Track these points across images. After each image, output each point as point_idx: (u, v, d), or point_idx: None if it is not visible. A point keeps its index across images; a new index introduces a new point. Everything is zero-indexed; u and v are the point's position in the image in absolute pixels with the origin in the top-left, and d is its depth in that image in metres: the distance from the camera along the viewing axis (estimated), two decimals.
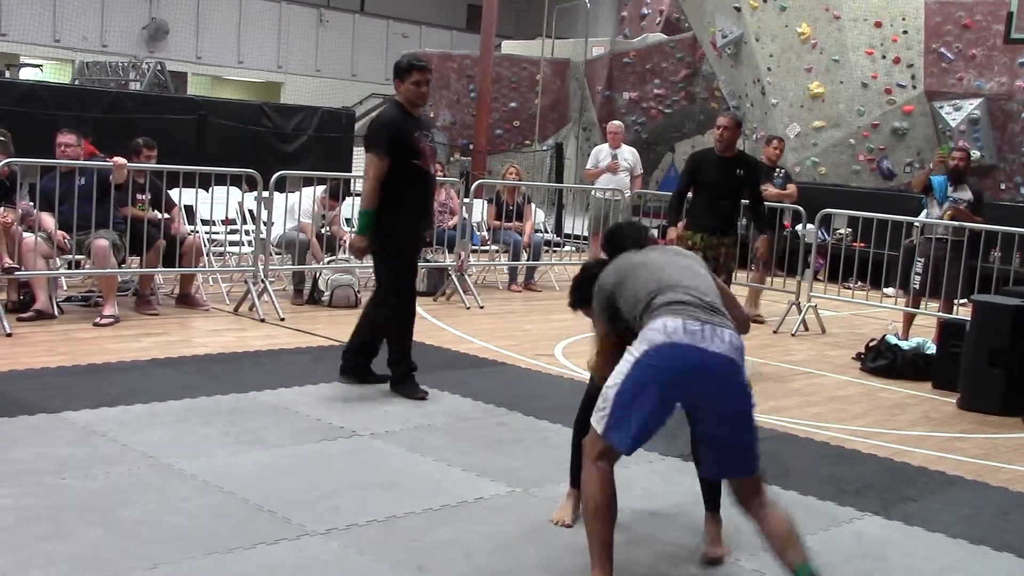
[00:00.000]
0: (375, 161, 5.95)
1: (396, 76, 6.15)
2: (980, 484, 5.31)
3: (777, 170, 10.38)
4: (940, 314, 9.00)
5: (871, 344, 8.29)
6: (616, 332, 3.80)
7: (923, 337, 8.47)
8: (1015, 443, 6.29)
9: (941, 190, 9.19)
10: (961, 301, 9.24)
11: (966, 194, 9.15)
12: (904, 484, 5.20)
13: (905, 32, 13.99)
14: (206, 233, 9.43)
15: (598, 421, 3.50)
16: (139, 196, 8.25)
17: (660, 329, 3.42)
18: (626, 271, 3.76)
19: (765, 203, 8.25)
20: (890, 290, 11.11)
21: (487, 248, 11.41)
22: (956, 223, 8.97)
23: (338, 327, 8.20)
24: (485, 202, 11.67)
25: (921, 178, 9.45)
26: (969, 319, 7.48)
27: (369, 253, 6.11)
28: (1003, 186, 13.95)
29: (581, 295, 4.06)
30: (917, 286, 9.20)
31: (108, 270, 7.74)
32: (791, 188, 10.38)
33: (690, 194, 7.88)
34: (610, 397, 3.46)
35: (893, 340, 8.21)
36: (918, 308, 9.26)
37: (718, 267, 7.47)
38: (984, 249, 9.22)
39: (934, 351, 7.97)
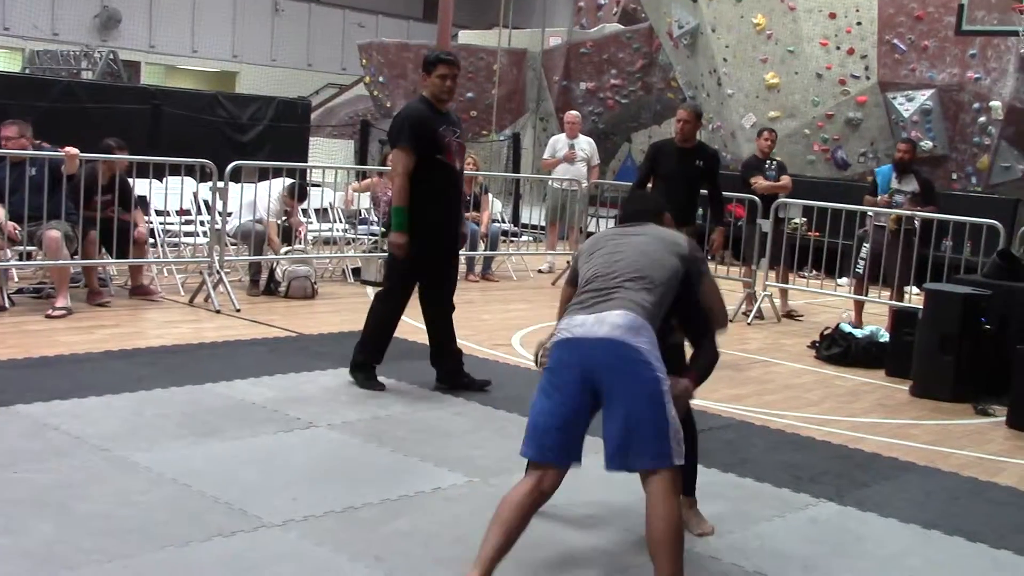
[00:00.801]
0: (402, 157, 5.88)
1: (423, 69, 6.11)
2: (932, 470, 5.39)
3: (769, 162, 10.21)
4: (890, 302, 9.14)
5: (825, 332, 8.38)
6: None
7: (876, 325, 8.57)
8: (966, 429, 6.38)
9: (885, 181, 9.36)
10: (915, 291, 9.37)
11: (911, 185, 9.30)
12: (858, 470, 5.26)
13: (859, 23, 14.10)
14: (161, 224, 9.33)
15: (524, 443, 3.55)
16: (100, 197, 8.14)
17: (563, 330, 3.51)
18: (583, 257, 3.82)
19: (724, 193, 8.27)
20: (844, 279, 11.22)
21: None
22: (899, 211, 9.11)
23: (294, 318, 8.16)
24: None
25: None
26: (921, 307, 7.58)
27: (409, 250, 5.95)
28: (954, 176, 14.11)
29: None
30: (860, 271, 9.42)
31: (60, 261, 7.65)
32: (784, 179, 10.17)
33: (650, 185, 7.90)
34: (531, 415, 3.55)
35: (847, 328, 8.30)
36: (863, 295, 9.40)
37: None
38: (936, 238, 9.33)
39: (887, 339, 8.07)
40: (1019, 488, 5.19)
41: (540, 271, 12.09)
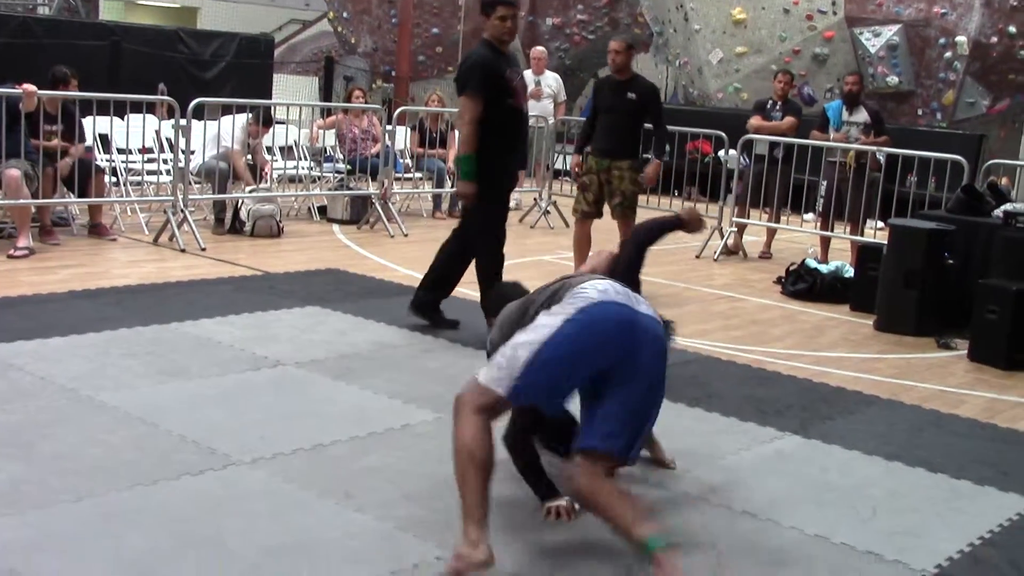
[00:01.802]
0: (469, 104, 5.79)
1: (482, 11, 6.03)
2: (895, 403, 5.46)
3: (774, 103, 10.08)
4: (852, 237, 9.23)
5: (791, 268, 8.43)
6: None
7: (841, 261, 8.63)
8: (928, 363, 6.46)
9: (836, 115, 9.44)
10: (880, 226, 9.44)
11: (861, 116, 9.37)
12: (822, 404, 5.32)
13: None
14: (123, 162, 9.21)
15: (496, 380, 3.19)
16: (49, 128, 8.02)
17: (590, 290, 3.30)
18: (513, 315, 3.62)
19: (668, 128, 8.17)
20: (809, 215, 11.27)
21: (411, 176, 11.33)
22: (858, 146, 9.17)
23: (260, 257, 8.12)
24: (408, 129, 11.56)
25: None
26: (886, 243, 7.63)
27: (477, 198, 5.92)
28: (920, 111, 14.15)
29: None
30: (820, 209, 9.51)
31: (20, 201, 7.54)
32: (787, 120, 9.94)
33: None
34: (526, 354, 3.18)
35: (813, 264, 8.35)
36: (826, 231, 9.48)
37: (612, 190, 7.53)
38: (900, 174, 9.38)
39: (852, 275, 8.13)
40: (979, 420, 5.27)
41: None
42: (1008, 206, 7.42)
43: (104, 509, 3.46)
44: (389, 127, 10.41)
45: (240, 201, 9.11)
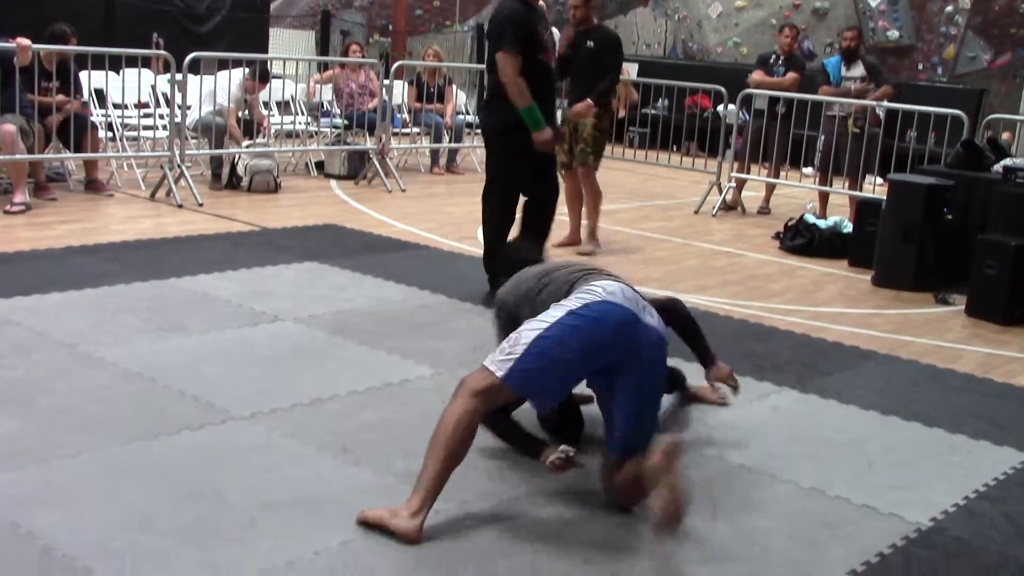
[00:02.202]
0: (509, 59, 5.73)
1: None
2: (892, 358, 5.47)
3: (777, 57, 9.98)
4: (850, 192, 9.21)
5: (790, 223, 8.42)
6: None
7: (840, 216, 8.62)
8: (926, 318, 6.47)
9: (835, 71, 9.39)
10: (879, 181, 9.42)
11: (858, 71, 9.31)
12: (820, 359, 5.33)
13: None
14: (119, 117, 9.16)
15: (499, 365, 3.26)
16: (46, 84, 7.96)
17: (598, 289, 3.37)
18: (530, 283, 3.66)
19: (664, 83, 8.11)
20: (808, 170, 11.24)
21: (408, 131, 11.28)
22: (856, 101, 9.12)
23: (258, 212, 8.10)
24: (406, 84, 11.49)
25: None
26: (885, 198, 7.62)
27: (558, 142, 5.99)
28: (920, 66, 14.08)
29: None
30: (818, 163, 9.50)
31: (16, 156, 7.51)
32: (790, 76, 9.83)
33: None
34: (524, 341, 3.26)
35: (811, 219, 8.34)
36: (825, 186, 9.46)
37: (576, 138, 7.49)
38: (900, 129, 9.34)
39: (851, 230, 8.12)
40: (976, 375, 5.29)
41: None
42: (1008, 161, 7.40)
43: (103, 463, 3.48)
44: (386, 82, 10.35)
45: (237, 156, 9.07)
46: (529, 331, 3.30)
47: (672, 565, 3.11)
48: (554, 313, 3.33)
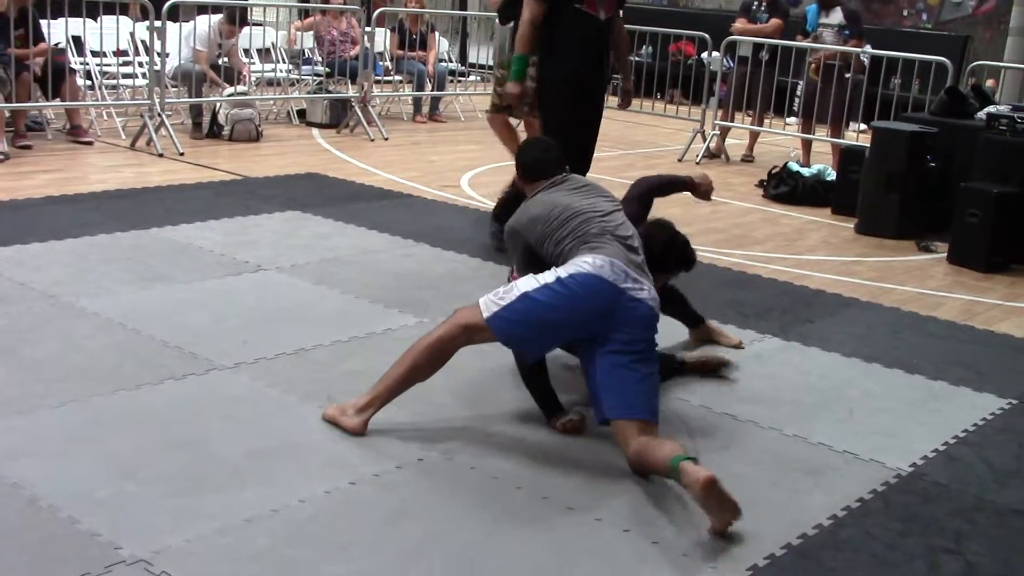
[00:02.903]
0: (529, 3, 5.58)
1: None
2: (874, 305, 5.50)
3: (759, 3, 9.84)
4: (831, 139, 9.22)
5: (773, 171, 8.42)
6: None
7: (824, 164, 8.61)
8: (908, 265, 6.50)
9: (813, 19, 9.33)
10: (862, 128, 9.41)
11: (836, 18, 9.23)
12: (802, 307, 5.36)
13: None
14: (97, 65, 9.05)
15: (488, 305, 3.39)
16: (16, 32, 7.83)
17: (588, 262, 3.43)
18: (540, 216, 3.68)
19: (652, 30, 7.73)
20: (792, 119, 11.22)
21: (390, 79, 11.19)
22: (829, 47, 9.09)
23: (239, 161, 8.05)
24: (388, 31, 11.39)
25: None
26: (868, 146, 7.61)
27: (527, 100, 5.76)
28: (905, 12, 14.01)
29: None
30: (800, 111, 9.50)
31: None
32: (773, 22, 9.71)
33: None
34: (517, 292, 3.39)
35: (795, 167, 8.34)
36: (808, 134, 9.45)
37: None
38: (884, 76, 9.31)
39: (834, 178, 8.12)
40: (957, 322, 5.32)
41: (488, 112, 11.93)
42: (991, 108, 7.39)
43: (87, 414, 3.47)
44: (368, 29, 10.25)
45: (218, 105, 8.99)
46: (523, 286, 3.43)
47: (656, 512, 3.13)
48: (547, 277, 3.43)
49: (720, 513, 2.98)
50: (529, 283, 3.44)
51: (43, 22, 8.15)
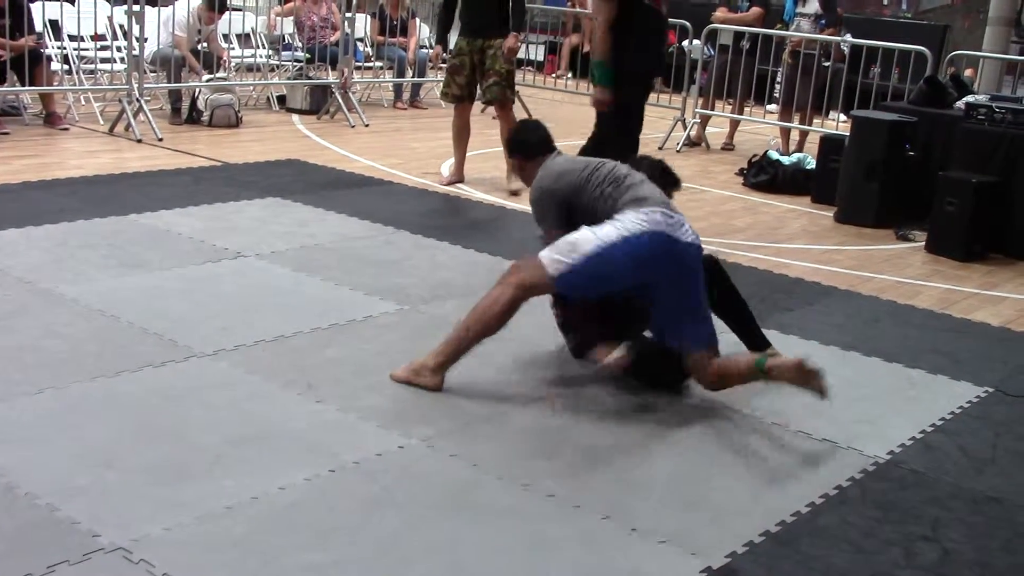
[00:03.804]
0: (603, 6, 5.54)
1: None
2: (853, 294, 5.53)
3: None
4: (805, 127, 9.30)
5: (753, 159, 8.43)
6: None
7: (804, 152, 8.64)
8: (886, 254, 6.53)
9: (790, 8, 9.40)
10: (842, 118, 9.45)
11: (812, 7, 9.29)
12: (781, 295, 5.38)
13: None
14: (75, 50, 8.98)
15: (553, 262, 3.65)
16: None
17: (644, 217, 3.70)
18: (568, 170, 3.98)
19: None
20: (772, 107, 11.24)
21: (371, 64, 11.15)
22: (815, 37, 9.14)
23: (219, 148, 8.01)
24: (368, 16, 11.34)
25: None
26: (848, 134, 7.64)
27: (612, 105, 5.70)
28: (885, 2, 14.06)
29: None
30: (781, 99, 9.55)
31: None
32: (754, 11, 9.70)
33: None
34: (582, 251, 3.64)
35: (775, 156, 8.36)
36: (788, 121, 9.50)
37: (485, 70, 7.13)
38: (864, 65, 9.34)
39: (814, 166, 8.15)
40: (935, 310, 5.35)
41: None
42: (970, 98, 7.43)
43: (66, 401, 3.46)
44: (348, 14, 10.20)
45: (197, 90, 8.94)
46: (587, 242, 3.66)
47: (635, 499, 3.14)
48: (608, 234, 3.66)
49: (815, 382, 3.57)
50: (590, 239, 3.66)
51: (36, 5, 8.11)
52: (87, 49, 9.22)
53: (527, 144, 4.24)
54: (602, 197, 3.84)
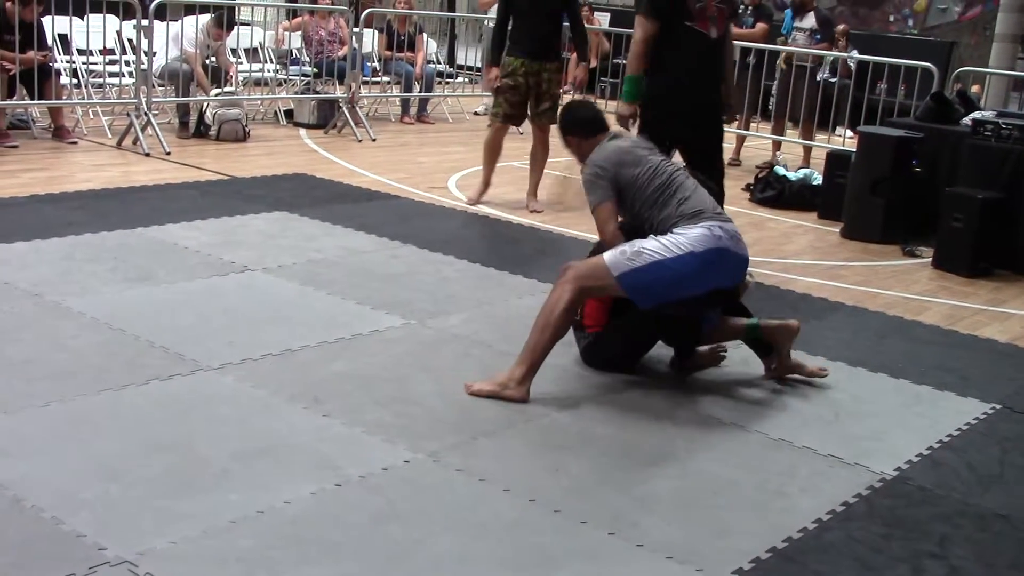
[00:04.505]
0: (641, 22, 5.49)
1: None
2: (859, 310, 5.52)
3: (745, 7, 9.84)
4: (803, 141, 9.39)
5: (760, 175, 8.43)
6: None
7: (810, 168, 8.64)
8: (893, 270, 6.52)
9: (788, 22, 9.54)
10: (848, 134, 9.46)
11: (809, 22, 9.42)
12: (788, 310, 5.36)
13: None
14: (84, 64, 9.02)
15: (618, 265, 3.81)
16: (9, 37, 7.80)
17: (707, 232, 3.86)
18: (627, 160, 4.06)
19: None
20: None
21: (378, 79, 11.18)
22: (821, 52, 9.26)
23: (226, 162, 8.03)
24: (376, 32, 11.38)
25: None
26: (854, 150, 7.64)
27: (634, 120, 5.64)
28: (892, 18, 14.08)
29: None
30: (773, 111, 9.66)
31: None
32: (759, 27, 9.75)
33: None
34: (647, 258, 3.80)
35: (781, 171, 8.36)
36: (780, 133, 9.61)
37: (540, 93, 7.10)
38: (870, 81, 9.35)
39: (820, 182, 8.15)
40: (942, 326, 5.35)
41: (476, 113, 11.95)
42: (976, 114, 7.42)
43: (72, 414, 3.46)
44: (356, 29, 10.24)
45: (205, 104, 8.97)
46: (652, 251, 3.82)
47: (641, 515, 3.14)
48: (678, 246, 3.82)
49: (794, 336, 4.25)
50: (660, 251, 3.81)
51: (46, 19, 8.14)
52: (96, 63, 9.26)
53: (584, 123, 4.32)
54: (657, 203, 3.96)
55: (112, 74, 9.30)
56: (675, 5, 5.39)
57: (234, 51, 10.05)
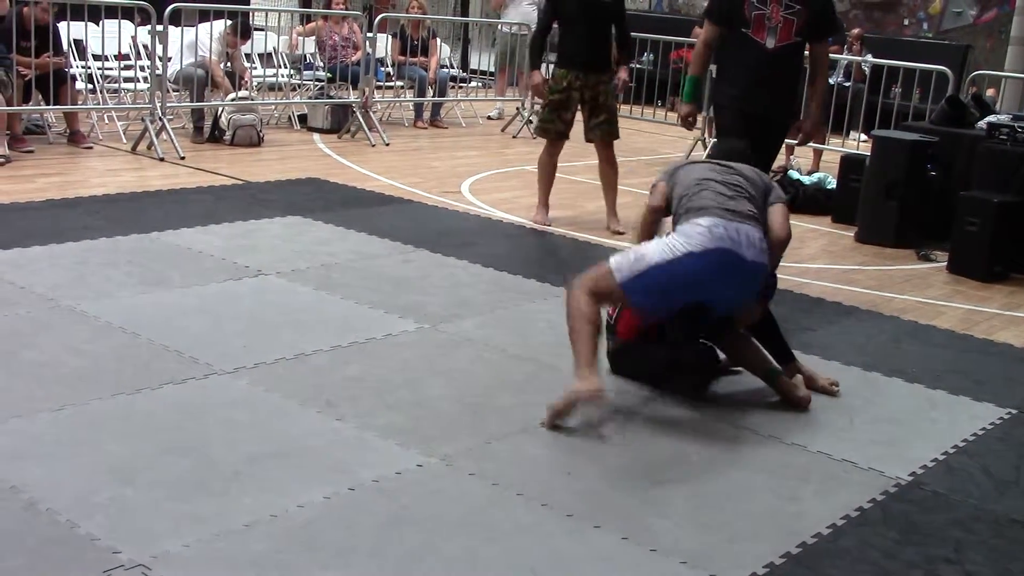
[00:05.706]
0: (705, 25, 5.59)
1: None
2: (874, 314, 5.50)
3: None
4: (817, 145, 9.33)
5: (774, 179, 8.40)
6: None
7: (824, 172, 8.62)
8: (907, 274, 6.50)
9: None
10: (863, 137, 9.43)
11: None
12: (802, 315, 5.36)
13: None
14: (99, 69, 9.06)
15: (622, 269, 3.81)
16: (25, 43, 7.83)
17: (709, 231, 3.82)
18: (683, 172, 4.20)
19: (654, 37, 7.84)
20: None
21: (392, 84, 11.20)
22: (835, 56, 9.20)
23: (241, 166, 8.05)
24: (389, 37, 11.40)
25: None
26: (868, 154, 7.62)
27: (692, 122, 5.77)
28: (906, 21, 14.03)
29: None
30: None
31: None
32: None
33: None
34: (647, 261, 3.80)
35: (795, 175, 8.34)
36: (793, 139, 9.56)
37: (597, 106, 6.83)
38: (885, 85, 9.33)
39: (834, 186, 8.13)
40: (956, 331, 5.32)
41: (489, 117, 11.96)
42: (992, 118, 7.40)
43: (86, 418, 3.47)
44: (370, 34, 10.25)
45: (220, 109, 9.00)
46: (652, 255, 3.83)
47: (654, 520, 3.13)
48: (677, 248, 3.81)
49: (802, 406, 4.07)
50: (660, 254, 3.81)
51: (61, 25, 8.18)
52: (111, 68, 9.29)
53: (723, 154, 4.50)
54: (681, 199, 4.04)
55: (127, 79, 9.33)
56: (732, 10, 5.33)
57: (248, 56, 10.07)
